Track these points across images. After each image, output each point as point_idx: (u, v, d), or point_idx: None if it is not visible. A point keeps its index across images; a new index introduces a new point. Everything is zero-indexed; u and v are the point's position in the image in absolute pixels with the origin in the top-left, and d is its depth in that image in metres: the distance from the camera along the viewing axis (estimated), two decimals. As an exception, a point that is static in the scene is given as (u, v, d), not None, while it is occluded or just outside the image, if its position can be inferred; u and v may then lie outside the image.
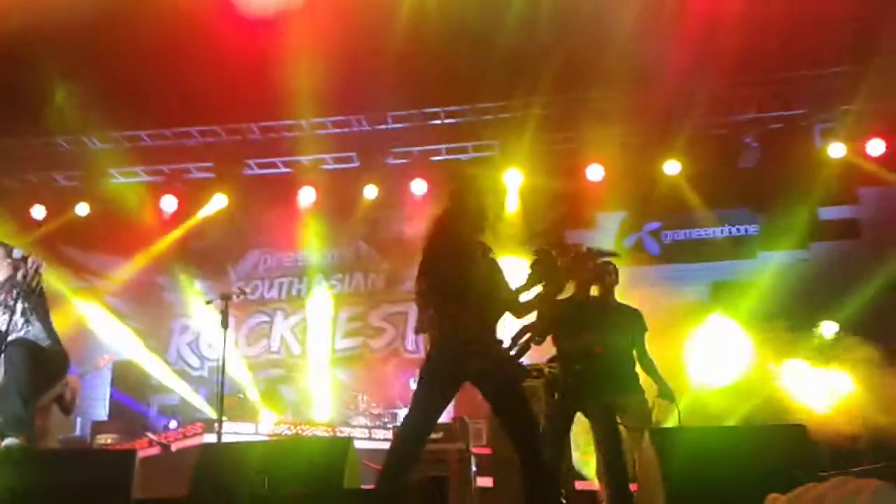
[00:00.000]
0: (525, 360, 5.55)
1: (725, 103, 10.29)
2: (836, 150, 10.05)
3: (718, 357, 9.21)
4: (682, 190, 10.51)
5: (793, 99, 10.24)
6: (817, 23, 8.71)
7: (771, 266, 10.10)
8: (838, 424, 8.14)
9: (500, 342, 4.46)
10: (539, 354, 5.92)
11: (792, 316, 8.77)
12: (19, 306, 5.24)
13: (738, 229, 10.83)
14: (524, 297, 4.52)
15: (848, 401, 8.39)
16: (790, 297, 9.39)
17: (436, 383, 4.33)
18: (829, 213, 10.43)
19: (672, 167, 10.32)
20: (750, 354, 9.16)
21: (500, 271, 4.50)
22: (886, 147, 10.10)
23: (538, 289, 4.51)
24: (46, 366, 5.41)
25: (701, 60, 9.03)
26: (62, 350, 5.55)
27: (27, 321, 5.26)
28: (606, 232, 10.82)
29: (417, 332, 4.58)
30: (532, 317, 4.78)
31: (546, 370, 5.76)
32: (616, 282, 5.87)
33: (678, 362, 9.37)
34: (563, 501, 4.21)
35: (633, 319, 5.91)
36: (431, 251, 4.44)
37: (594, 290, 5.78)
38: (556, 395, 5.53)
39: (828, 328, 8.99)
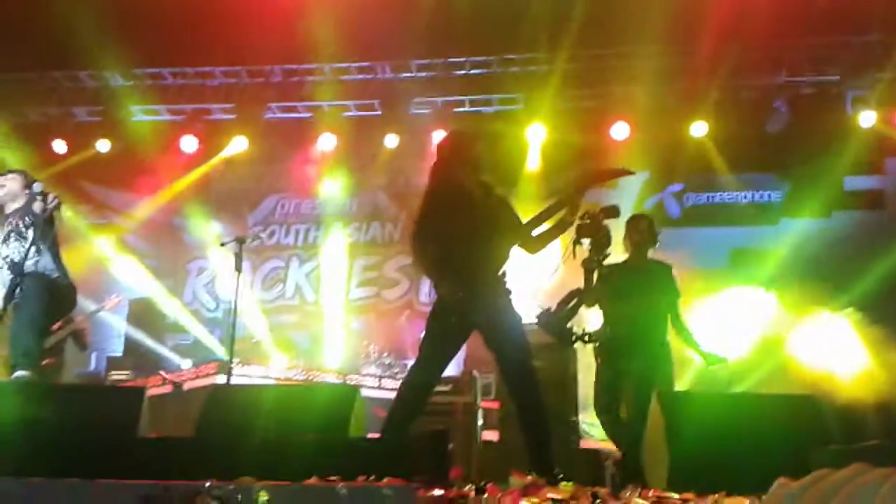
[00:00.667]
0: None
1: (756, 66, 10.06)
2: (867, 118, 9.82)
3: (733, 324, 9.14)
4: (708, 152, 10.34)
5: (826, 64, 9.99)
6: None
7: (792, 233, 9.97)
8: (850, 396, 8.09)
9: (506, 288, 4.42)
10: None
11: (810, 284, 8.66)
12: (30, 234, 5.26)
13: (761, 195, 10.67)
14: (536, 232, 4.51)
15: (861, 374, 8.33)
16: (810, 265, 9.30)
17: (438, 333, 4.35)
18: (854, 182, 10.24)
19: (699, 129, 10.14)
20: (765, 321, 9.08)
21: (506, 208, 4.51)
22: (919, 117, 9.87)
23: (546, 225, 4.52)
24: (57, 300, 5.45)
25: (732, 21, 8.81)
26: (71, 283, 5.59)
27: (38, 251, 5.28)
28: (628, 192, 10.64)
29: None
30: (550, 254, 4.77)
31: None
32: (645, 240, 5.67)
33: (692, 329, 9.33)
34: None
35: (661, 279, 5.69)
36: (425, 200, 4.54)
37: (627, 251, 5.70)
38: (598, 360, 5.59)
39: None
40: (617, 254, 5.52)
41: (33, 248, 5.21)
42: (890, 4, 9.00)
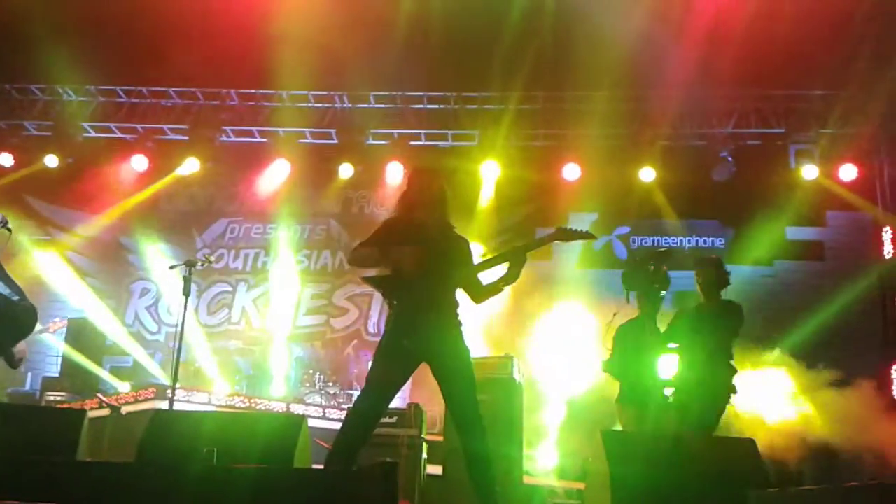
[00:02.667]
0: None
1: (704, 115, 10.39)
2: (809, 171, 10.18)
3: (674, 366, 9.29)
4: (655, 197, 10.60)
5: (771, 117, 10.37)
6: (800, 45, 8.83)
7: (734, 280, 10.18)
8: (785, 441, 8.30)
9: (458, 320, 4.45)
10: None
11: (750, 331, 8.88)
12: None
13: (705, 241, 10.94)
14: (488, 278, 4.51)
15: (796, 419, 8.56)
16: (751, 312, 9.49)
17: (387, 361, 4.35)
18: (796, 233, 10.58)
19: (647, 174, 10.39)
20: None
21: (464, 248, 4.54)
22: (858, 173, 10.26)
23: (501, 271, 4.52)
24: (14, 320, 5.29)
25: (684, 72, 9.09)
26: (30, 305, 5.44)
27: None
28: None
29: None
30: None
31: None
32: (706, 282, 5.88)
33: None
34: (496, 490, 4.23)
35: (716, 319, 5.83)
36: (384, 227, 4.53)
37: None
38: None
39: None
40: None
41: None
42: (834, 63, 9.39)
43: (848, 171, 10.24)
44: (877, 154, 10.54)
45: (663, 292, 5.78)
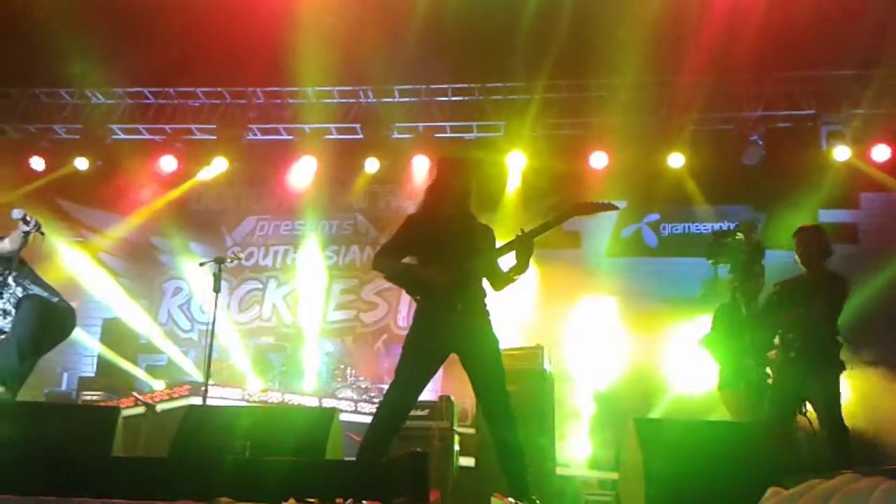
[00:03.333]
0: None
1: (733, 99, 10.24)
2: (841, 153, 10.00)
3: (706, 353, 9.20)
4: (684, 183, 10.48)
5: (801, 99, 10.18)
6: (829, 25, 8.67)
7: (766, 265, 10.07)
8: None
9: (486, 310, 4.43)
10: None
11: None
12: (10, 279, 5.23)
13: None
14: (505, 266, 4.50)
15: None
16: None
17: (415, 356, 4.35)
18: (829, 215, 10.39)
19: (676, 160, 10.27)
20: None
21: (485, 241, 4.52)
22: (892, 153, 10.06)
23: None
24: (54, 322, 5.39)
25: (711, 55, 8.97)
26: (69, 306, 5.54)
27: (24, 288, 5.26)
28: (607, 221, 10.78)
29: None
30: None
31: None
32: (806, 251, 5.63)
33: (666, 355, 9.41)
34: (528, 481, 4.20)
35: (819, 291, 5.52)
36: (407, 225, 4.55)
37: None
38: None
39: None
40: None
41: (20, 288, 5.20)
42: (866, 41, 9.21)
43: (881, 152, 10.03)
44: (911, 134, 10.33)
45: (755, 266, 5.45)
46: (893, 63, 9.62)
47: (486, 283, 4.52)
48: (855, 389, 8.22)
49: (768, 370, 5.51)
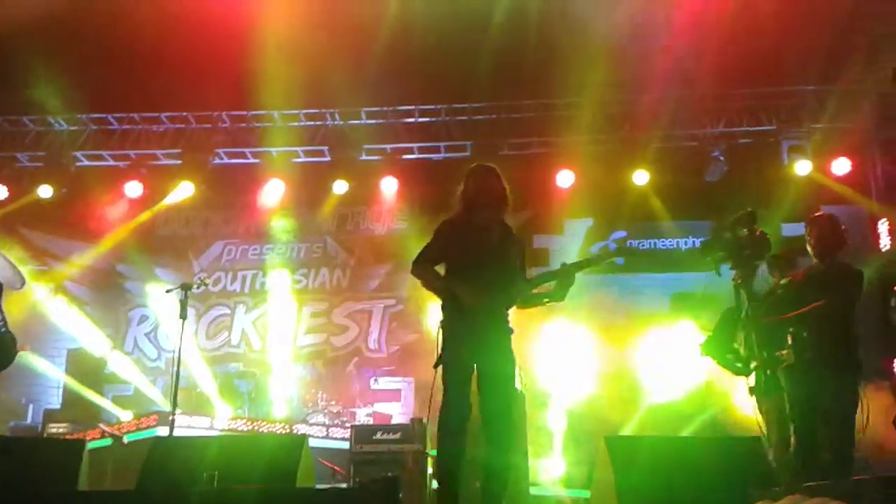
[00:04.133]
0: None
1: (695, 116, 10.39)
2: (802, 167, 10.17)
3: (675, 368, 9.29)
4: (649, 200, 10.59)
5: (762, 115, 10.36)
6: (788, 41, 8.85)
7: (731, 280, 10.19)
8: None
9: (509, 327, 4.41)
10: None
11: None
12: None
13: (701, 242, 10.91)
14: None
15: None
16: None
17: (451, 362, 4.25)
18: (791, 229, 10.50)
19: (640, 177, 10.37)
20: (706, 366, 9.23)
21: (521, 253, 4.51)
22: (851, 167, 10.25)
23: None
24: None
25: (673, 73, 9.11)
26: (11, 335, 5.42)
27: None
28: (574, 238, 10.88)
29: None
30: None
31: None
32: (819, 241, 5.14)
33: (636, 370, 9.48)
34: None
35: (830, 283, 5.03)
36: (443, 230, 4.47)
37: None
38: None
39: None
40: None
41: None
42: (825, 57, 9.41)
43: (841, 165, 10.22)
44: (869, 147, 10.53)
45: (759, 261, 4.87)
46: (850, 78, 9.84)
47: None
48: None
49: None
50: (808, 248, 5.14)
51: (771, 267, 5.72)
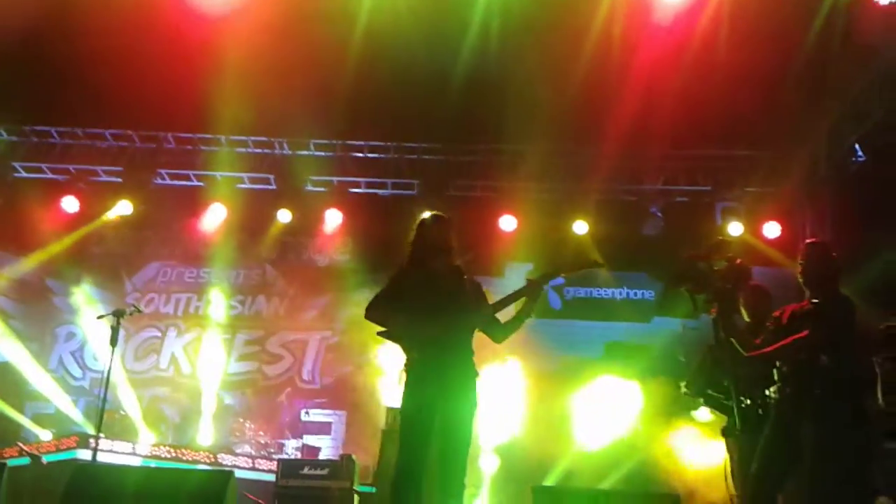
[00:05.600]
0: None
1: (635, 172, 10.70)
2: (735, 228, 10.52)
3: (604, 415, 9.44)
4: (588, 249, 10.81)
5: (699, 175, 10.73)
6: (727, 107, 9.20)
7: (663, 331, 10.48)
8: (714, 490, 8.45)
9: (474, 369, 4.42)
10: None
11: (679, 381, 9.07)
12: None
13: (635, 293, 11.24)
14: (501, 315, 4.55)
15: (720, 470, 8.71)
16: (679, 363, 9.74)
17: (412, 410, 4.25)
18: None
19: (580, 227, 10.61)
20: (635, 415, 9.43)
21: (475, 296, 4.54)
22: (782, 231, 10.64)
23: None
24: None
25: (618, 129, 9.37)
26: None
27: None
28: (514, 281, 10.99)
29: None
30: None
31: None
32: (811, 270, 4.69)
33: (566, 416, 9.59)
34: None
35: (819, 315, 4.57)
36: (397, 278, 4.49)
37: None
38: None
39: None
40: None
41: None
42: (758, 123, 9.80)
43: (772, 229, 10.59)
44: (800, 212, 10.93)
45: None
46: (783, 145, 10.27)
47: (481, 338, 4.53)
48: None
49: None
50: (799, 277, 4.68)
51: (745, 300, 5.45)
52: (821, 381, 4.33)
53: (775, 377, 4.57)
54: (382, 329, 4.45)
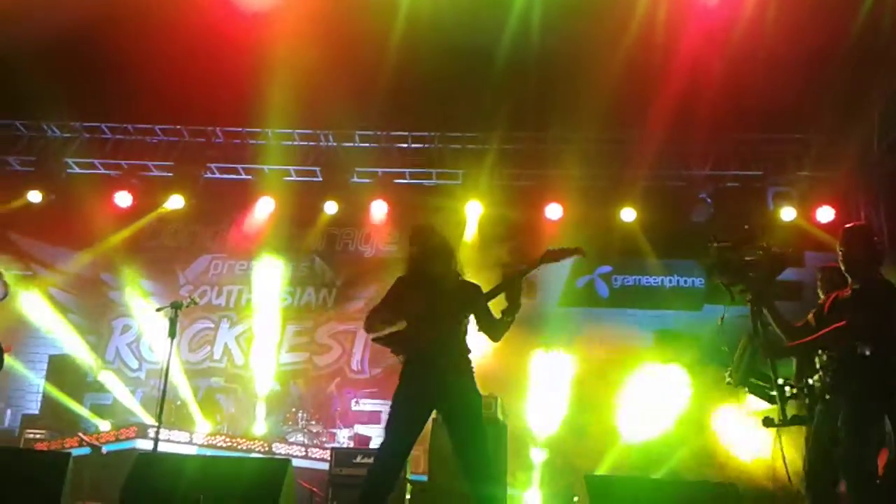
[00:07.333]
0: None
1: (684, 158, 10.56)
2: (788, 213, 10.33)
3: (654, 405, 9.37)
4: (636, 237, 10.73)
5: (749, 160, 10.54)
6: (778, 90, 9.02)
7: (714, 319, 10.29)
8: (764, 480, 8.35)
9: (470, 367, 4.54)
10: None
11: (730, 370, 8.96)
12: None
13: (685, 280, 11.10)
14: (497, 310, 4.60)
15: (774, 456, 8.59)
16: (732, 352, 9.60)
17: (402, 412, 4.38)
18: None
19: (628, 214, 10.52)
20: (685, 404, 9.35)
21: (472, 297, 4.62)
22: (835, 215, 10.42)
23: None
24: None
25: (665, 114, 9.25)
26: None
27: None
28: (560, 271, 10.98)
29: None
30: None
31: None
32: (852, 256, 4.51)
33: (616, 406, 9.55)
34: None
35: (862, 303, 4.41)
36: (397, 285, 4.62)
37: None
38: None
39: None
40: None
41: None
42: (809, 106, 9.60)
43: (825, 213, 10.39)
44: (853, 196, 10.69)
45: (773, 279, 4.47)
46: (836, 127, 10.03)
47: (479, 337, 4.61)
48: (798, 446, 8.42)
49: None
50: (841, 264, 4.52)
51: (821, 281, 5.32)
52: (859, 372, 4.18)
53: (817, 366, 4.45)
54: (377, 335, 4.60)
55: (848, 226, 4.67)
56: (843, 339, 4.26)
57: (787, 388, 4.57)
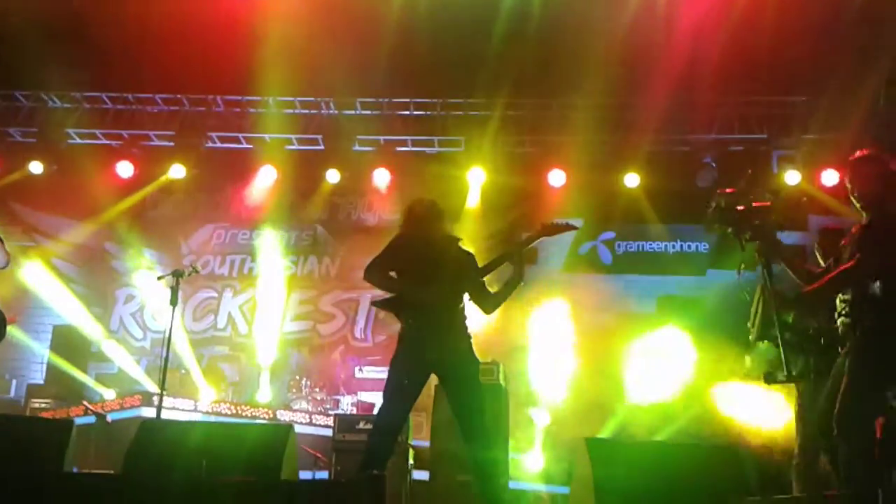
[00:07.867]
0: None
1: (688, 122, 10.46)
2: (792, 177, 10.26)
3: (660, 369, 9.39)
4: (639, 203, 10.68)
5: (753, 123, 10.44)
6: (782, 52, 8.92)
7: (718, 284, 10.31)
8: (770, 446, 8.37)
9: (468, 333, 4.59)
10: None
11: (734, 334, 8.95)
12: None
13: (689, 245, 11.06)
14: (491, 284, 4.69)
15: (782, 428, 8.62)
16: (734, 316, 9.58)
17: (400, 377, 4.42)
18: (779, 237, 10.63)
19: (631, 180, 10.46)
20: (688, 368, 9.36)
21: (467, 265, 4.69)
22: (840, 178, 10.34)
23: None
24: None
25: (668, 78, 9.16)
26: (2, 314, 5.46)
27: None
28: (563, 237, 10.90)
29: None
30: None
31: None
32: (866, 190, 4.19)
33: (619, 371, 9.57)
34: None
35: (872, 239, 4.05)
36: (395, 244, 4.72)
37: None
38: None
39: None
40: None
41: None
42: (815, 69, 9.49)
43: (830, 177, 10.31)
44: (858, 159, 10.61)
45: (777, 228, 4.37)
46: (840, 90, 9.92)
47: (471, 307, 4.65)
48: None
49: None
50: (852, 200, 4.19)
51: (819, 245, 5.27)
52: (870, 313, 3.86)
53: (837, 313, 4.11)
54: (378, 300, 4.78)
55: (854, 157, 4.31)
56: (853, 280, 3.94)
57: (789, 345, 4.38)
